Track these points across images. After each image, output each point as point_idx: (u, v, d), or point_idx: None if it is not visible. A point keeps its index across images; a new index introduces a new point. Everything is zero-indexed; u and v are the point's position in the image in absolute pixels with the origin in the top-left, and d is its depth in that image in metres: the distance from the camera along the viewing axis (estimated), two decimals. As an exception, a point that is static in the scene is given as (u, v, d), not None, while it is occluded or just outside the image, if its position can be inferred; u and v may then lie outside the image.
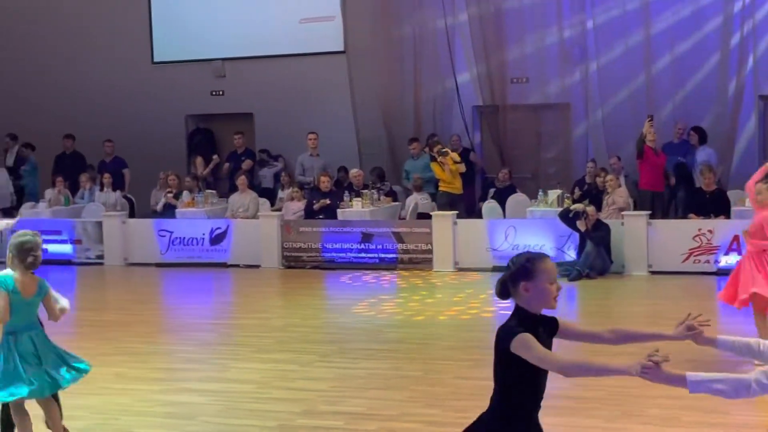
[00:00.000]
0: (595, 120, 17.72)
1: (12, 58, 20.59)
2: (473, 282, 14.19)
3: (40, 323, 6.65)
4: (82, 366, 6.65)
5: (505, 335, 4.19)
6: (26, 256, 6.31)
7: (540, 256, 4.29)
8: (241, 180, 17.02)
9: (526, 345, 4.10)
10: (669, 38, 17.08)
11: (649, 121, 15.17)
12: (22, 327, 6.37)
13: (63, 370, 6.48)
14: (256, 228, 15.99)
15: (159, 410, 8.01)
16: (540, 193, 15.88)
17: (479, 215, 16.29)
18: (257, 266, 15.79)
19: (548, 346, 4.23)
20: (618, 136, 17.13)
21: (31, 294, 6.40)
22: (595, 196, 15.48)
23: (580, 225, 14.12)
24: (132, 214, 17.67)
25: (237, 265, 15.96)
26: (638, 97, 17.23)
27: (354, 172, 17.01)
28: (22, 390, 6.29)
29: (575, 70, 17.70)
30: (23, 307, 6.36)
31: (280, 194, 17.49)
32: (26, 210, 17.76)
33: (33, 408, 6.67)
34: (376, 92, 18.57)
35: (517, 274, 4.23)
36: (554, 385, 4.50)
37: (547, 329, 4.29)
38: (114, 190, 18.02)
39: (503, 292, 4.29)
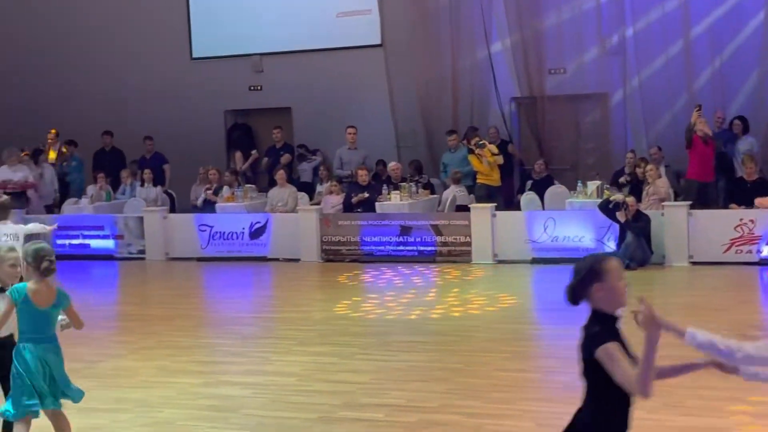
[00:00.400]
0: (635, 110, 17.61)
1: (52, 55, 20.82)
2: (512, 274, 14.18)
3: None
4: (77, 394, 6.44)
5: (590, 342, 4.14)
6: (41, 262, 6.15)
7: (606, 256, 4.30)
8: (280, 174, 17.11)
9: (611, 358, 4.03)
10: (709, 32, 16.95)
11: (698, 110, 15.03)
12: (35, 337, 6.18)
13: (72, 386, 6.36)
14: (295, 222, 16.07)
15: (202, 403, 8.09)
16: (579, 184, 15.82)
17: (518, 207, 16.26)
18: (296, 260, 15.88)
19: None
20: (658, 125, 17.01)
21: (46, 304, 6.20)
22: (635, 186, 15.39)
23: (620, 216, 14.04)
24: (173, 209, 17.84)
25: (276, 259, 16.06)
26: (678, 87, 17.11)
27: (392, 165, 17.04)
28: (33, 403, 6.15)
29: (613, 60, 17.60)
30: (36, 317, 6.17)
31: (319, 188, 17.57)
32: (68, 206, 17.99)
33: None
34: (413, 85, 18.59)
35: (587, 277, 4.20)
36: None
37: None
38: (155, 185, 18.20)
39: (574, 297, 4.27)
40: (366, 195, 16.18)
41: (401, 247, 15.53)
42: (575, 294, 4.26)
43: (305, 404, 7.91)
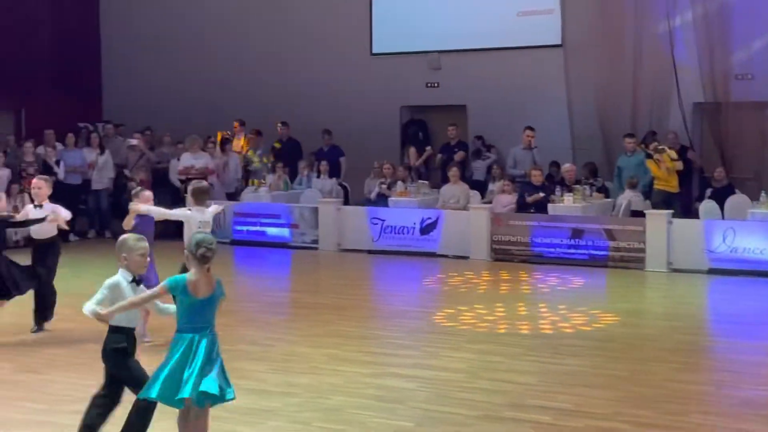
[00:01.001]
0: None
1: (237, 48, 21.52)
2: (687, 283, 13.79)
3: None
4: (230, 392, 6.20)
5: None
6: (198, 248, 6.07)
7: None
8: (453, 171, 17.16)
9: None
10: None
11: None
12: (193, 328, 6.10)
13: (225, 384, 6.14)
14: (467, 219, 16.10)
15: (369, 392, 8.22)
16: (763, 194, 15.22)
17: (696, 215, 15.78)
18: (466, 257, 15.91)
19: None
20: None
21: (205, 294, 6.11)
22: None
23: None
24: (346, 202, 18.15)
25: (446, 256, 16.13)
26: None
27: (566, 167, 16.83)
28: (185, 392, 5.98)
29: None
30: (197, 308, 6.11)
31: (491, 186, 17.53)
32: (247, 194, 18.55)
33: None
34: (592, 87, 18.31)
35: None
36: None
37: None
38: (330, 177, 18.56)
39: None
40: (541, 195, 16.04)
41: (572, 250, 15.33)
42: None
43: (470, 401, 7.93)
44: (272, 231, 17.58)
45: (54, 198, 11.01)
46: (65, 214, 10.71)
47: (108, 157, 19.17)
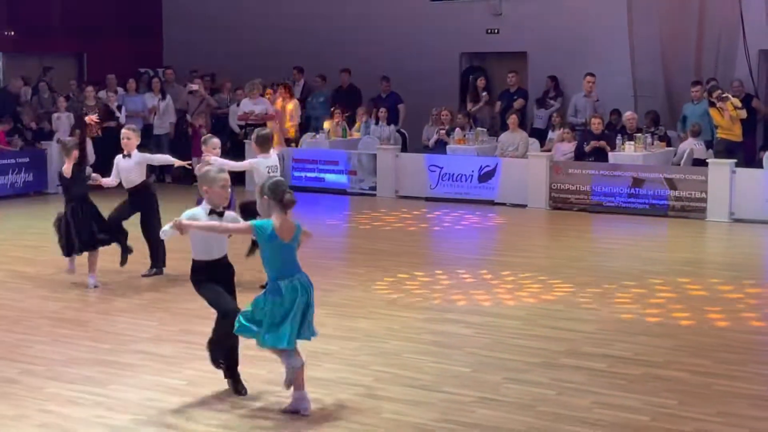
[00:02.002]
0: None
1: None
2: (749, 233, 13.62)
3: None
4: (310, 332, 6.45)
5: None
6: (282, 195, 6.19)
7: None
8: (512, 119, 17.02)
9: None
10: None
11: None
12: (287, 272, 6.25)
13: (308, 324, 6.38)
14: (525, 168, 16.00)
15: (426, 338, 8.27)
16: (829, 143, 14.93)
17: (759, 165, 15.51)
18: (524, 206, 15.84)
19: None
20: None
21: (289, 237, 6.25)
22: None
23: None
24: (404, 149, 18.12)
25: (504, 204, 16.07)
26: None
27: (628, 114, 16.60)
28: (284, 337, 6.21)
29: None
30: (286, 252, 6.25)
31: (551, 135, 17.38)
32: (306, 140, 18.60)
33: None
34: (656, 33, 17.97)
35: None
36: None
37: None
38: (388, 124, 18.53)
39: None
40: (602, 143, 15.87)
41: (632, 200, 15.18)
42: None
43: (527, 348, 7.94)
44: (330, 177, 17.65)
45: (116, 142, 11.15)
46: (108, 180, 10.79)
47: (169, 102, 19.33)
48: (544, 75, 18.88)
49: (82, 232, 10.08)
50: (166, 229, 6.37)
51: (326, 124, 18.74)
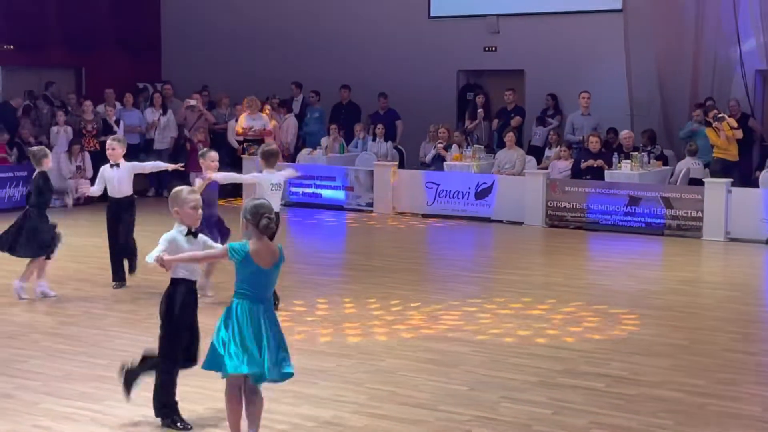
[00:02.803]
0: None
1: (296, 10, 21.52)
2: (745, 253, 13.63)
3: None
4: (289, 369, 6.05)
5: None
6: (260, 219, 5.84)
7: None
8: (509, 137, 17.05)
9: None
10: None
11: None
12: (258, 297, 5.93)
13: (283, 358, 5.99)
14: (522, 185, 16.02)
15: (422, 356, 8.25)
16: (825, 164, 14.97)
17: (755, 184, 15.55)
18: (520, 223, 15.86)
19: None
20: None
21: (267, 264, 5.91)
22: None
23: None
24: (401, 165, 18.14)
25: (500, 221, 16.09)
26: None
27: (624, 133, 16.65)
28: (244, 367, 5.83)
29: None
30: (257, 276, 5.90)
31: (547, 152, 17.41)
32: (303, 156, 18.62)
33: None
34: (652, 53, 18.04)
35: None
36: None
37: None
38: (386, 140, 18.56)
39: None
40: (599, 162, 15.90)
41: (628, 218, 15.20)
42: None
43: (525, 366, 7.94)
44: (327, 193, 17.66)
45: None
46: (93, 189, 11.05)
47: (170, 117, 19.37)
48: (541, 93, 18.94)
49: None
50: (154, 255, 6.23)
51: (323, 141, 18.77)
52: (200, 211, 6.49)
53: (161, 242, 6.33)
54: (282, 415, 6.54)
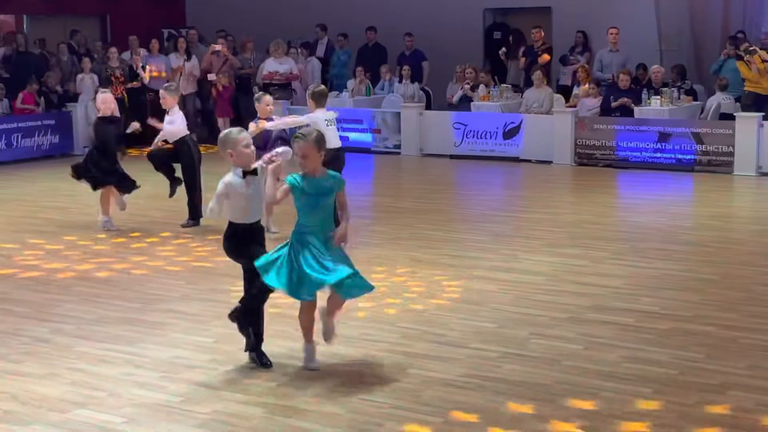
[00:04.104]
0: None
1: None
2: (777, 188, 13.53)
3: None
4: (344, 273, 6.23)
5: None
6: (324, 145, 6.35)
7: None
8: (537, 75, 16.89)
9: None
10: None
11: None
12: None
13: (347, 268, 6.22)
14: (550, 124, 15.91)
15: (451, 295, 8.27)
16: None
17: (788, 118, 15.36)
18: (549, 162, 15.78)
19: None
20: None
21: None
22: None
23: None
24: (428, 106, 18.05)
25: (529, 160, 16.01)
26: None
27: (654, 68, 16.45)
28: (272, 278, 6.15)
29: None
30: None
31: (576, 90, 17.24)
32: (329, 99, 18.50)
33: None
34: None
35: None
36: None
37: None
38: (412, 82, 18.44)
39: None
40: (627, 100, 15.73)
41: (658, 154, 15.08)
42: None
43: (553, 303, 7.94)
44: (354, 136, 17.61)
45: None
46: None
47: (195, 62, 19.31)
48: (568, 30, 18.70)
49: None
50: (212, 206, 6.38)
51: (350, 83, 18.68)
52: (253, 148, 6.48)
53: (219, 184, 6.36)
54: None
